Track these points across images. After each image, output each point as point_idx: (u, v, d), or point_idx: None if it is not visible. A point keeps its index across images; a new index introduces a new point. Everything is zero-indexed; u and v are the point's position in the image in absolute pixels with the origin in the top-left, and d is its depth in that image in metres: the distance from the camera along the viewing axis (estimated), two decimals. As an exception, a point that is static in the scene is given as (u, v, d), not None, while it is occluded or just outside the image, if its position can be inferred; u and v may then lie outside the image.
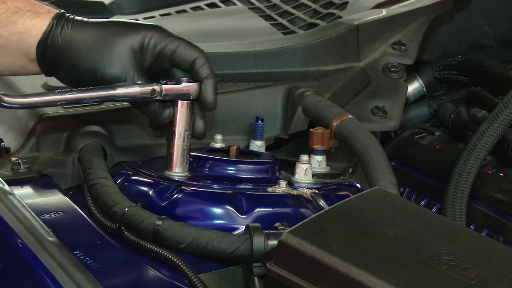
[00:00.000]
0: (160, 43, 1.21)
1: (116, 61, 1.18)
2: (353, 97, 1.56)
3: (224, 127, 1.47)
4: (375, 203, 1.03)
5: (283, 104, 1.51)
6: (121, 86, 1.17)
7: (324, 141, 1.37)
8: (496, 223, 1.50)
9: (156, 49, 1.21)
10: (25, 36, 1.19)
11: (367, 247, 0.93)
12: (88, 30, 1.20)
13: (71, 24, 1.20)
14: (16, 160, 1.31)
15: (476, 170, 1.47)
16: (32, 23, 1.19)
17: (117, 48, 1.19)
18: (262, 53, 1.60)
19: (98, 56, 1.18)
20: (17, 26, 1.19)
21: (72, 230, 1.16)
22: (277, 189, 1.25)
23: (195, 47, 1.23)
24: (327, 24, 1.70)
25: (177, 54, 1.21)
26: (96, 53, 1.19)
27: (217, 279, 1.17)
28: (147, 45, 1.20)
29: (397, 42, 1.65)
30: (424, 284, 0.88)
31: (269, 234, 1.10)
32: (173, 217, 1.15)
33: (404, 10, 1.70)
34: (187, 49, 1.22)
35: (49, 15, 1.20)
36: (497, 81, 1.73)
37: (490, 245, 0.98)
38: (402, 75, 1.60)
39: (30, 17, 1.19)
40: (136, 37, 1.20)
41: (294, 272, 0.92)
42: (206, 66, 1.22)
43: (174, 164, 1.26)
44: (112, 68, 1.18)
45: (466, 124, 1.74)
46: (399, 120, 1.53)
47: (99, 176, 1.23)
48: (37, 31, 1.19)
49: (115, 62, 1.18)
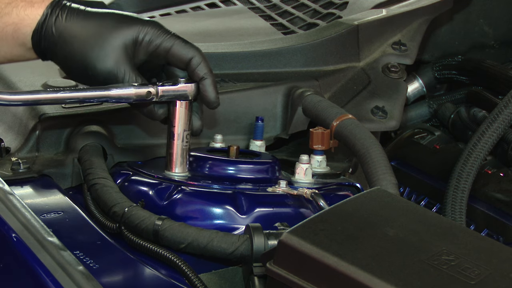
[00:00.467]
0: (155, 41, 1.18)
1: (107, 56, 1.17)
2: (353, 97, 1.56)
3: (224, 127, 1.47)
4: (375, 203, 1.03)
5: (283, 104, 1.51)
6: (116, 87, 1.16)
7: (324, 141, 1.37)
8: (496, 223, 1.50)
9: (150, 46, 1.18)
10: (20, 26, 1.18)
11: (367, 247, 0.93)
12: (81, 21, 1.18)
13: (65, 13, 1.18)
14: (16, 160, 1.30)
15: (476, 170, 1.47)
16: (26, 13, 1.18)
17: (108, 43, 1.17)
18: (262, 53, 1.60)
19: (89, 50, 1.17)
20: (11, 17, 1.18)
21: (72, 230, 1.16)
22: (277, 189, 1.25)
23: (191, 46, 1.20)
24: (327, 24, 1.70)
25: (172, 52, 1.19)
26: (87, 47, 1.17)
27: (217, 279, 1.17)
28: (141, 41, 1.18)
29: (397, 42, 1.65)
30: (424, 284, 0.88)
31: (269, 234, 1.10)
32: (173, 217, 1.15)
33: (404, 10, 1.70)
34: (183, 47, 1.19)
35: (43, 4, 1.19)
36: (497, 81, 1.73)
37: (490, 245, 0.98)
38: (402, 75, 1.60)
39: (24, 7, 1.18)
40: (129, 32, 1.18)
41: (294, 272, 0.92)
42: (203, 65, 1.20)
43: (174, 164, 1.25)
44: (103, 63, 1.17)
45: (466, 124, 1.74)
46: (399, 120, 1.53)
47: (99, 176, 1.23)
48: (31, 21, 1.18)
49: (106, 58, 1.17)
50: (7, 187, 1.18)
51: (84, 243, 1.13)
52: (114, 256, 1.13)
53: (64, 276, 0.98)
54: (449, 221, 1.18)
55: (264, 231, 1.10)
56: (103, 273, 1.06)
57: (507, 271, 0.92)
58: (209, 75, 1.21)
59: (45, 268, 1.00)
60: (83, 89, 1.16)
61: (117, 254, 1.13)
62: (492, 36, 1.97)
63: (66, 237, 1.09)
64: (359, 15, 1.70)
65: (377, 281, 0.87)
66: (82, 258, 1.08)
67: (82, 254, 1.08)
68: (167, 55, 1.19)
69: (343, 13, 1.76)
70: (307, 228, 0.95)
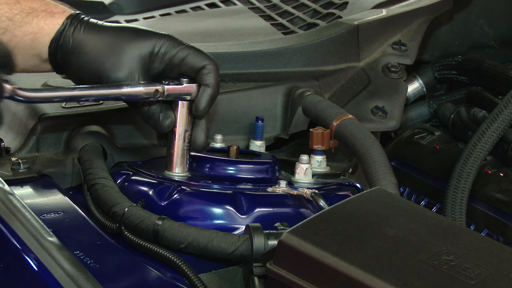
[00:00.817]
0: (170, 51, 1.20)
1: (123, 66, 1.18)
2: (353, 97, 1.56)
3: (224, 127, 1.47)
4: (375, 203, 1.03)
5: (283, 104, 1.51)
6: (127, 85, 1.18)
7: (324, 141, 1.37)
8: (496, 223, 1.50)
9: (166, 57, 1.20)
10: (39, 35, 1.20)
11: (367, 247, 0.93)
12: (99, 33, 1.20)
13: (84, 26, 1.20)
14: (16, 160, 1.31)
15: (476, 170, 1.47)
16: (46, 23, 1.20)
17: (125, 54, 1.19)
18: (262, 53, 1.60)
19: (105, 60, 1.18)
20: (31, 26, 1.20)
21: (72, 230, 1.16)
22: (277, 189, 1.25)
23: (206, 55, 1.22)
24: (327, 24, 1.70)
25: (186, 61, 1.20)
26: (103, 56, 1.18)
27: (217, 279, 1.17)
28: (156, 52, 1.20)
29: (397, 42, 1.65)
30: (424, 284, 0.88)
31: (269, 234, 1.10)
32: (173, 217, 1.15)
33: (404, 10, 1.70)
34: (197, 56, 1.21)
35: (63, 14, 1.21)
36: (497, 81, 1.73)
37: (490, 245, 0.98)
38: (402, 75, 1.60)
39: (44, 17, 1.20)
40: (146, 44, 1.20)
41: (294, 272, 0.92)
42: (212, 75, 1.21)
43: (174, 164, 1.26)
44: (117, 72, 1.18)
45: (466, 124, 1.74)
46: (399, 120, 1.53)
47: (99, 176, 1.23)
48: (50, 30, 1.20)
49: (121, 67, 1.18)
50: (7, 187, 1.18)
51: (84, 243, 1.13)
52: (114, 256, 1.12)
53: (64, 276, 0.98)
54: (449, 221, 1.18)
55: (264, 231, 1.10)
56: (103, 273, 1.06)
57: (507, 271, 0.92)
58: (214, 86, 1.21)
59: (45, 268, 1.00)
60: (97, 87, 1.17)
61: (117, 254, 1.13)
62: (492, 36, 1.97)
63: (66, 237, 1.09)
64: (359, 15, 1.70)
65: (377, 281, 0.87)
66: (82, 258, 1.08)
67: (82, 254, 1.08)
68: (181, 64, 1.21)
69: (343, 13, 1.76)
70: (307, 228, 0.95)
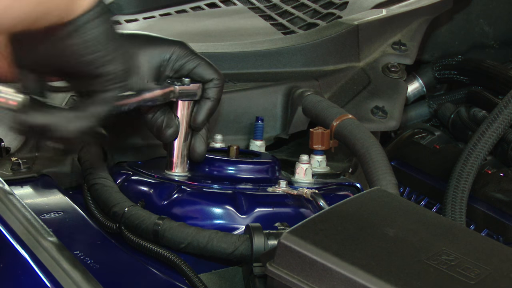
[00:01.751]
0: (181, 60, 1.20)
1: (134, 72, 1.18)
2: (353, 97, 1.56)
3: (224, 127, 1.47)
4: (375, 203, 1.03)
5: (283, 104, 1.51)
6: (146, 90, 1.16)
7: (324, 141, 1.37)
8: (496, 223, 1.50)
9: (176, 64, 1.20)
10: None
11: (367, 247, 0.93)
12: None
13: None
14: (16, 160, 1.31)
15: (476, 170, 1.47)
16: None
17: (136, 59, 1.18)
18: (262, 53, 1.60)
19: None
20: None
21: (72, 230, 1.16)
22: (277, 189, 1.25)
23: (215, 69, 1.22)
24: (327, 24, 1.70)
25: (195, 71, 1.21)
26: None
27: (217, 279, 1.17)
28: (167, 59, 1.20)
29: (397, 42, 1.65)
30: (424, 284, 0.88)
31: (269, 234, 1.10)
32: (173, 217, 1.15)
33: (404, 10, 1.70)
34: (206, 68, 1.21)
35: None
36: (497, 81, 1.73)
37: (490, 245, 0.98)
38: (402, 75, 1.60)
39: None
40: (157, 51, 1.19)
41: (294, 272, 0.92)
42: (217, 89, 1.22)
43: (174, 164, 1.26)
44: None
45: (466, 124, 1.74)
46: (399, 120, 1.53)
47: (99, 176, 1.23)
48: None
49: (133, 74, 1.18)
50: (7, 187, 1.18)
51: (84, 243, 1.13)
52: (114, 256, 1.13)
53: (64, 276, 0.98)
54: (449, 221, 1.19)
55: (264, 231, 1.10)
56: (103, 273, 1.06)
57: (507, 271, 0.92)
58: (215, 100, 1.22)
59: (45, 268, 1.00)
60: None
61: (117, 254, 1.13)
62: (492, 36, 1.97)
63: (66, 237, 1.09)
64: (359, 15, 1.70)
65: (377, 281, 0.87)
66: (82, 258, 1.08)
67: (82, 254, 1.08)
68: (189, 73, 1.21)
69: (343, 13, 1.76)
70: (307, 228, 0.95)
